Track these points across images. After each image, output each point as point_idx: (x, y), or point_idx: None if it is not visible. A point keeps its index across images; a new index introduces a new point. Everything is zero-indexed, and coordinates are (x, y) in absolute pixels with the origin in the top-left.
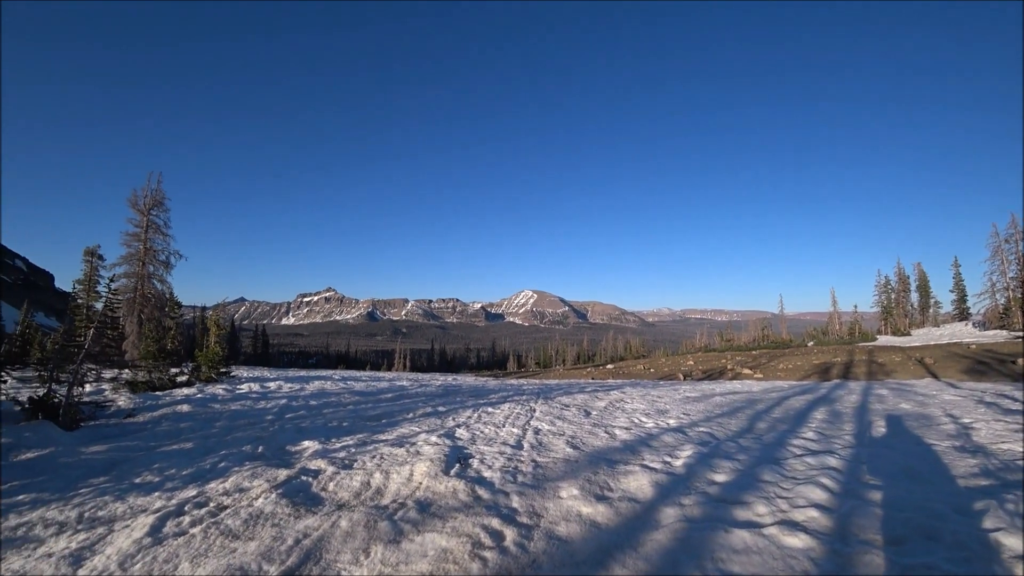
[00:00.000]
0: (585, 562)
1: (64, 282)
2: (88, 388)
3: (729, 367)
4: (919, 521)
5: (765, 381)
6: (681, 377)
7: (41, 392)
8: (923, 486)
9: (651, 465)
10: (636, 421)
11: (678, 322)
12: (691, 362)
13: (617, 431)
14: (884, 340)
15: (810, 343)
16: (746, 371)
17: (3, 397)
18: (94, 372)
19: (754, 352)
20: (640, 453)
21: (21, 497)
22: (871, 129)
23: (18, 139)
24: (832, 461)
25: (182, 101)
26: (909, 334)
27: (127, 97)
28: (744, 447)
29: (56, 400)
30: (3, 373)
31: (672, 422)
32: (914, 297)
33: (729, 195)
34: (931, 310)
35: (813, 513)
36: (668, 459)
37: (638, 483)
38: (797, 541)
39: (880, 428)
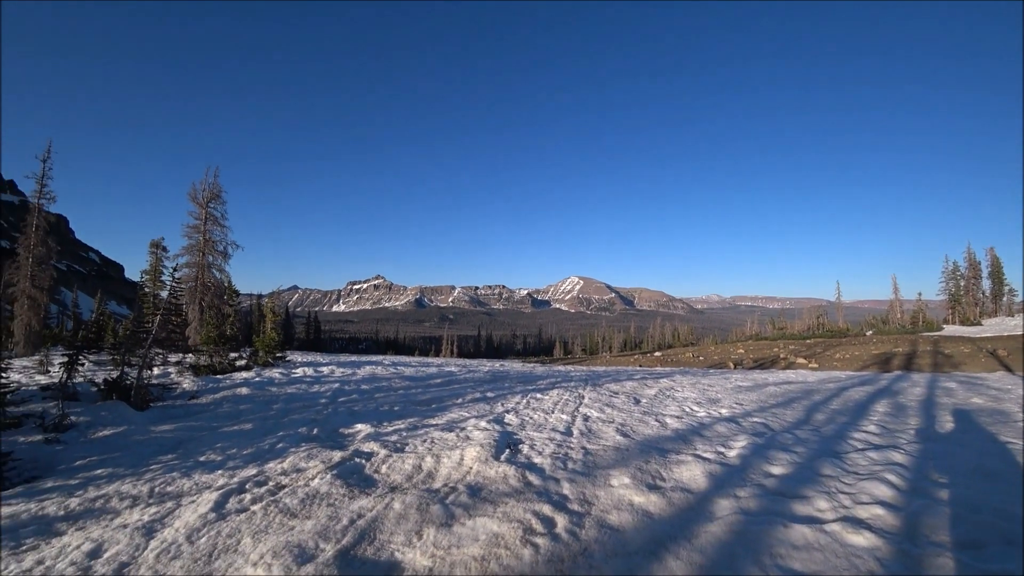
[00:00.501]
0: (637, 552)
1: (133, 272)
2: (156, 371)
3: (782, 356)
4: (997, 524)
5: (821, 371)
6: (732, 366)
7: (115, 375)
8: (1000, 487)
9: (704, 455)
10: (687, 410)
11: (728, 309)
12: (742, 350)
13: (668, 419)
14: (951, 330)
15: (869, 332)
16: (800, 360)
17: (81, 379)
18: (161, 356)
19: (809, 341)
20: (692, 443)
21: (99, 471)
22: (938, 107)
23: (90, 141)
24: (897, 456)
25: (237, 96)
26: (980, 324)
27: (184, 94)
28: (801, 439)
29: (128, 382)
30: (81, 357)
31: (724, 411)
32: (986, 284)
33: (782, 178)
34: (1005, 298)
35: (878, 511)
36: (722, 449)
37: (691, 473)
38: (861, 539)
39: (948, 423)
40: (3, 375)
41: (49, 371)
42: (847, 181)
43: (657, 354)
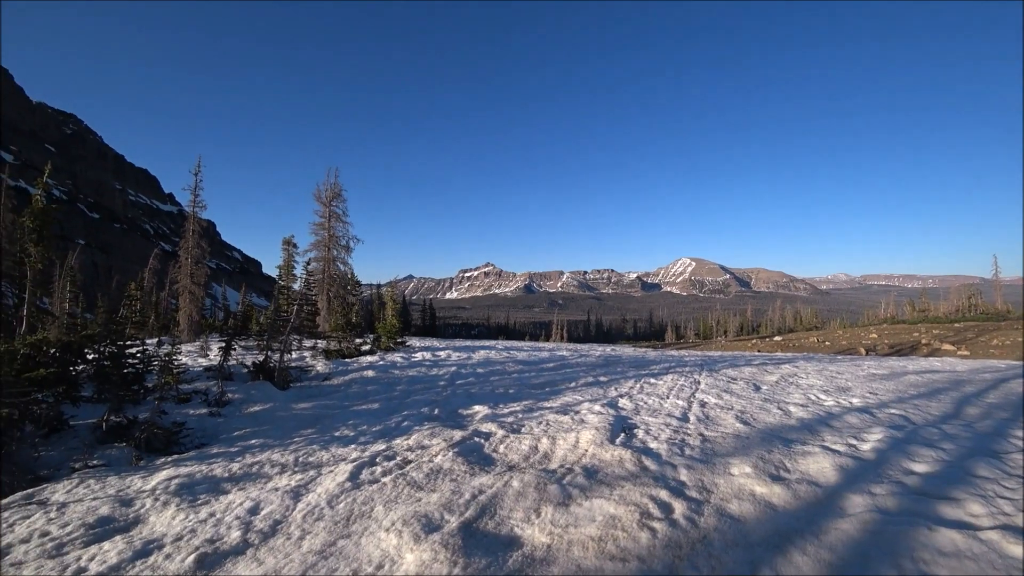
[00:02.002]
0: (760, 544)
1: (269, 268)
2: (293, 355)
3: (924, 341)
4: None
5: (973, 359)
6: (863, 351)
7: (260, 358)
8: None
9: (833, 447)
10: (813, 398)
11: (857, 289)
12: (874, 335)
13: (792, 408)
14: None
15: None
16: (947, 347)
17: (234, 362)
18: (296, 341)
19: (957, 325)
20: (819, 433)
21: (252, 441)
22: None
23: (226, 150)
24: None
25: (354, 97)
26: None
27: (305, 98)
28: (949, 435)
29: (271, 365)
30: (233, 343)
31: (856, 401)
32: None
33: (920, 135)
34: None
35: None
36: (853, 442)
37: (819, 465)
38: None
39: None
40: (176, 359)
41: (208, 355)
42: (1004, 132)
43: (777, 339)
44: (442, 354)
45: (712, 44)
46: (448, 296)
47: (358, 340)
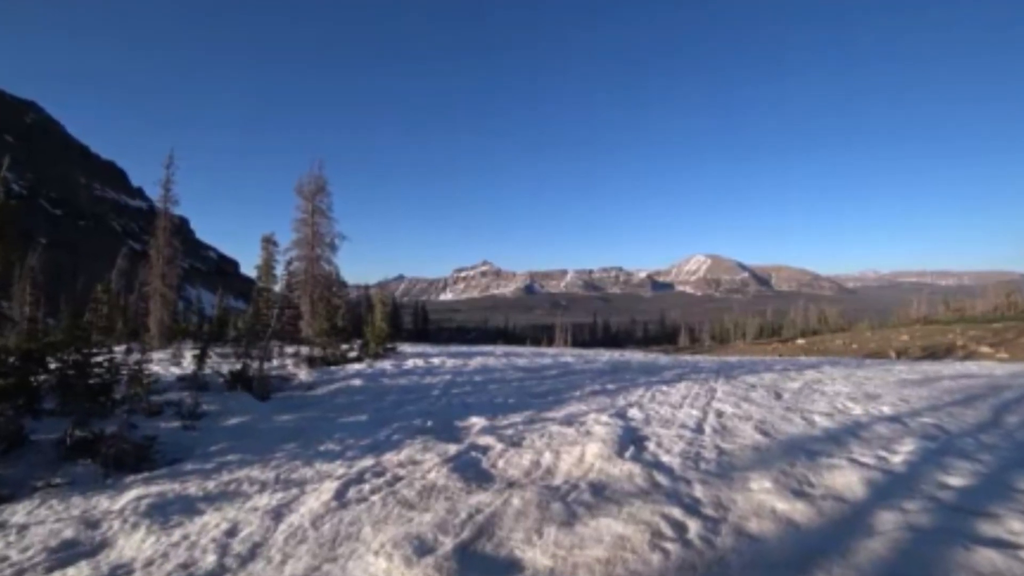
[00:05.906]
0: (781, 565)
1: (247, 268)
2: (274, 363)
3: (960, 344)
4: None
5: (1013, 363)
6: (893, 355)
7: (238, 366)
8: None
9: (861, 460)
10: (839, 406)
11: (886, 288)
12: (905, 337)
13: (816, 417)
14: None
15: None
16: (984, 349)
17: (209, 370)
18: (277, 348)
19: (995, 325)
20: (846, 444)
21: (230, 457)
22: None
23: (202, 140)
24: None
25: (338, 87)
26: None
27: (290, 90)
28: (987, 445)
29: (250, 374)
30: (208, 350)
31: (886, 409)
32: None
33: (953, 123)
34: None
35: None
36: (883, 453)
37: (845, 480)
38: None
39: None
40: (147, 368)
41: (181, 363)
42: None
43: (800, 342)
44: (436, 361)
45: (730, 22)
46: (442, 298)
47: (344, 346)
